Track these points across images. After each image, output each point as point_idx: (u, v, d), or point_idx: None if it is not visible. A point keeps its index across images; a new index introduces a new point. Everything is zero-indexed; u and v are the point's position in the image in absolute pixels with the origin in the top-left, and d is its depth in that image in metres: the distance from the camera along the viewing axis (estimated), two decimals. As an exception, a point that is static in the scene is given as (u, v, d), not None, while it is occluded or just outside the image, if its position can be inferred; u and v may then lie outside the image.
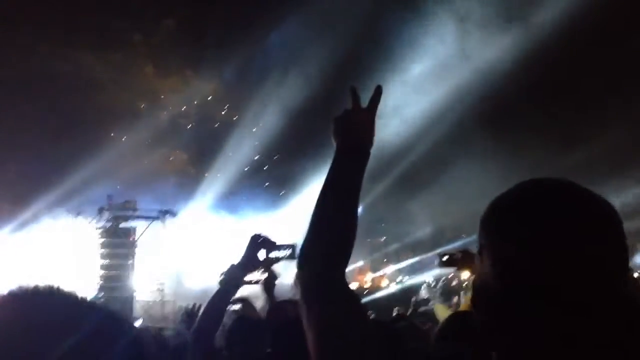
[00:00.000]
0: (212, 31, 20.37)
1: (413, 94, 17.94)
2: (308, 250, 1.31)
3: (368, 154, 1.42)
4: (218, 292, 2.67)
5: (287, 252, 2.66)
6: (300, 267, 1.29)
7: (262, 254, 2.65)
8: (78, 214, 16.51)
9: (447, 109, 18.16)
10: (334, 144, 1.45)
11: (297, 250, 2.71)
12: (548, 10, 16.23)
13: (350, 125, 1.44)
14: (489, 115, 18.48)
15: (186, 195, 18.92)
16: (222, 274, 2.68)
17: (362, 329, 1.18)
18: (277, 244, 2.68)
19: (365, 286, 19.77)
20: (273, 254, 2.65)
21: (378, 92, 1.50)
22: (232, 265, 2.66)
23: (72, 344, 0.82)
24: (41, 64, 18.68)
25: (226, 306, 2.72)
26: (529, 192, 0.99)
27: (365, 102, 1.50)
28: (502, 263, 0.94)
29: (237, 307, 3.82)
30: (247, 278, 2.74)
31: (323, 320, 1.18)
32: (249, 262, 2.65)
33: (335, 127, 1.46)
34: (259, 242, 2.66)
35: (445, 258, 4.07)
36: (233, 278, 2.66)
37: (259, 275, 2.87)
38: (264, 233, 2.74)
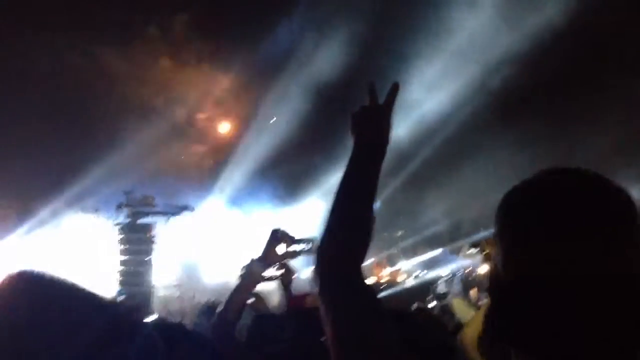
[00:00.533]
0: (229, 25, 20.40)
1: (429, 87, 17.87)
2: (326, 245, 1.32)
3: (384, 150, 1.42)
4: (238, 287, 2.68)
5: (306, 246, 2.66)
6: (318, 261, 1.29)
7: (281, 249, 2.66)
8: (96, 210, 16.63)
9: (464, 101, 18.07)
10: (352, 140, 1.46)
11: (315, 245, 2.74)
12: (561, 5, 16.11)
13: (367, 122, 1.46)
14: (506, 107, 18.35)
15: (204, 190, 19.00)
16: (242, 269, 2.69)
17: (379, 322, 1.19)
18: (296, 238, 2.69)
19: (382, 280, 19.76)
20: (292, 248, 2.66)
21: (395, 89, 1.51)
22: (252, 260, 2.68)
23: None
24: (56, 58, 18.78)
25: (246, 300, 2.74)
26: (538, 184, 0.99)
27: (382, 98, 1.50)
28: (506, 255, 0.95)
29: (250, 300, 3.84)
30: (266, 274, 2.75)
31: (340, 314, 1.19)
32: (268, 257, 2.66)
33: (353, 123, 1.47)
34: (278, 236, 2.67)
35: (475, 249, 3.98)
36: (253, 272, 2.67)
37: (274, 271, 2.87)
38: (283, 227, 2.75)
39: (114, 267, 15.33)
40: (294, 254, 2.67)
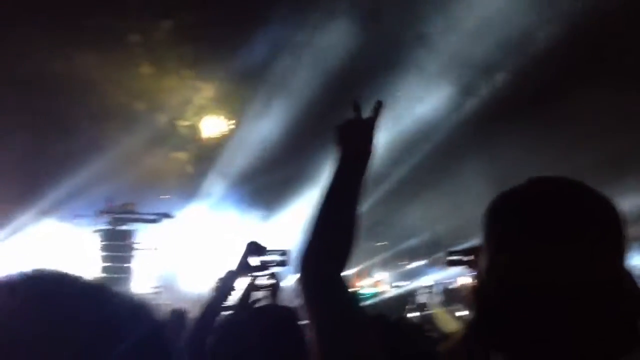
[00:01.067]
0: (211, 31, 20.35)
1: (410, 100, 17.97)
2: (309, 252, 1.33)
3: (368, 161, 1.45)
4: (211, 299, 2.68)
5: (280, 257, 2.68)
6: (301, 267, 1.31)
7: (254, 260, 2.66)
8: (75, 217, 16.46)
9: (445, 116, 18.19)
10: (335, 150, 1.48)
11: (289, 256, 2.76)
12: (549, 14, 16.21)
13: (352, 134, 1.48)
14: (485, 122, 18.49)
15: (185, 197, 18.90)
16: (218, 280, 2.70)
17: (362, 329, 1.21)
18: (269, 249, 2.70)
19: (362, 291, 19.76)
20: (264, 259, 2.67)
21: (378, 106, 1.54)
22: (229, 271, 2.68)
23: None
24: (37, 63, 18.62)
25: (218, 312, 2.73)
26: (524, 191, 1.00)
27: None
28: (491, 261, 0.96)
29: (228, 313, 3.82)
30: (258, 283, 2.75)
31: (324, 319, 1.20)
32: (241, 268, 2.67)
33: (338, 135, 1.50)
34: (251, 248, 2.68)
35: (454, 257, 3.69)
36: (225, 285, 2.68)
37: (265, 281, 2.87)
38: (257, 239, 2.75)
39: (93, 274, 15.17)
40: (267, 266, 2.68)
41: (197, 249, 17.39)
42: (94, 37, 20.00)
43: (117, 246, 15.51)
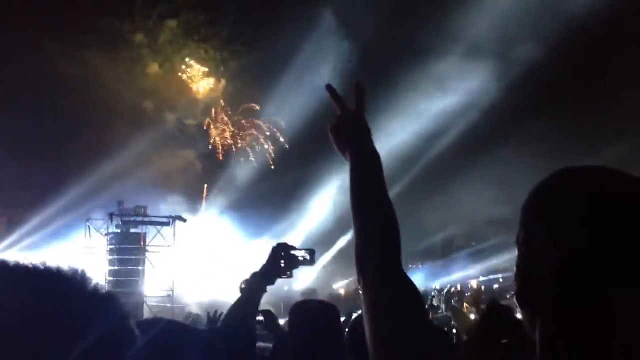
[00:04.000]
0: (219, 32, 20.39)
1: (425, 102, 17.95)
2: (359, 254, 1.33)
3: (369, 151, 1.43)
4: (239, 301, 2.65)
5: (307, 256, 2.66)
6: (359, 273, 1.30)
7: (282, 262, 2.65)
8: (88, 219, 16.54)
9: (457, 120, 18.15)
10: (340, 155, 1.48)
11: (316, 256, 2.72)
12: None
13: (342, 132, 1.46)
14: (499, 126, 18.47)
15: (196, 201, 18.95)
16: (243, 283, 2.66)
17: (421, 316, 1.21)
18: (298, 248, 2.69)
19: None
20: (293, 260, 2.65)
21: (360, 90, 1.50)
22: (254, 274, 2.65)
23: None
24: (48, 66, 18.75)
25: (248, 316, 2.70)
26: (589, 177, 0.94)
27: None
28: (563, 251, 0.89)
29: (260, 318, 3.80)
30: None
31: (387, 313, 1.19)
32: (271, 271, 2.64)
33: (332, 137, 1.48)
34: (280, 251, 2.65)
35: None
36: (255, 288, 2.64)
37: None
38: (284, 241, 2.74)
39: (105, 276, 15.23)
40: (295, 265, 2.66)
41: (209, 251, 17.41)
42: (104, 38, 20.19)
43: (129, 249, 15.53)
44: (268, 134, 20.95)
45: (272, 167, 21.58)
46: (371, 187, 1.38)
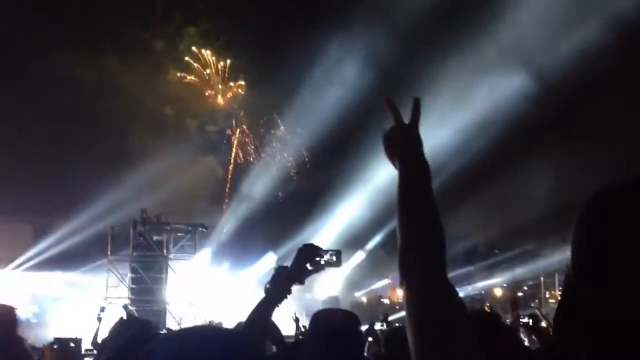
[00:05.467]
0: (240, 41, 20.49)
1: (452, 110, 17.86)
2: (404, 263, 1.33)
3: (421, 162, 1.45)
4: (263, 302, 2.65)
5: (333, 258, 2.66)
6: (402, 277, 1.31)
7: (310, 263, 2.65)
8: (112, 227, 16.67)
9: (481, 133, 18.01)
10: (388, 161, 1.50)
11: (342, 257, 2.72)
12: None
13: (395, 141, 1.49)
14: (524, 139, 18.32)
15: (218, 209, 19.02)
16: (267, 283, 2.66)
17: (467, 327, 1.21)
18: (324, 250, 2.68)
19: (398, 301, 19.62)
20: (319, 261, 2.64)
21: (417, 105, 1.52)
22: (280, 274, 2.64)
23: None
24: (67, 72, 18.96)
25: (270, 316, 2.71)
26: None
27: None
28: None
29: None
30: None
31: (432, 320, 1.20)
32: (297, 272, 2.64)
33: (383, 144, 1.50)
34: (307, 252, 2.65)
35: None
36: (279, 288, 2.64)
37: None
38: (310, 242, 2.73)
39: (128, 284, 15.34)
40: (322, 267, 2.66)
41: (231, 259, 17.46)
42: (124, 46, 20.40)
43: (152, 257, 15.63)
44: (288, 144, 20.96)
45: (293, 176, 21.60)
46: (421, 195, 1.40)
